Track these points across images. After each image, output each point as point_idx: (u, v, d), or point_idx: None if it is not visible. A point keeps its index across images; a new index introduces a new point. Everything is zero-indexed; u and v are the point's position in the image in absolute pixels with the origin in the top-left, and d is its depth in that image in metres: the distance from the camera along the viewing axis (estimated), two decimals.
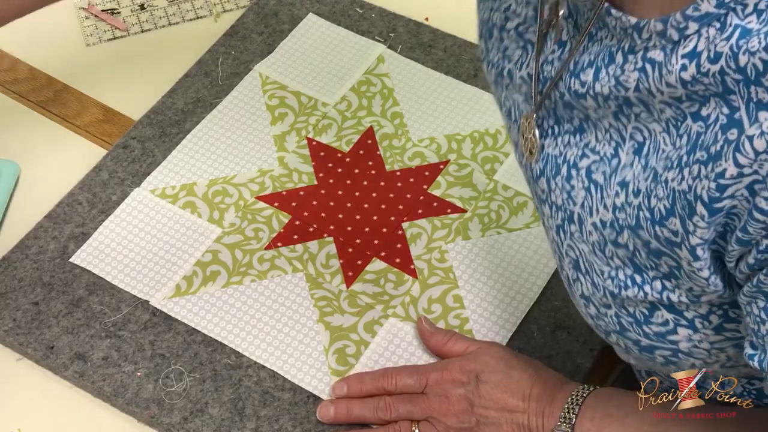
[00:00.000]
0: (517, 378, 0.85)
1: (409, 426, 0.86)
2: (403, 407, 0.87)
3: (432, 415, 0.86)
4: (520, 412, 0.84)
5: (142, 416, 0.89)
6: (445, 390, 0.86)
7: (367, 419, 0.88)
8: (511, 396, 0.85)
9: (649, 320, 0.70)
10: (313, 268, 0.97)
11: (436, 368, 0.88)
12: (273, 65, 1.13)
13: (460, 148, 1.06)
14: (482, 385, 0.85)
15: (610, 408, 0.82)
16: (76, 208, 1.02)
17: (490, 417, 0.84)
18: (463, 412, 0.85)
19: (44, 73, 1.14)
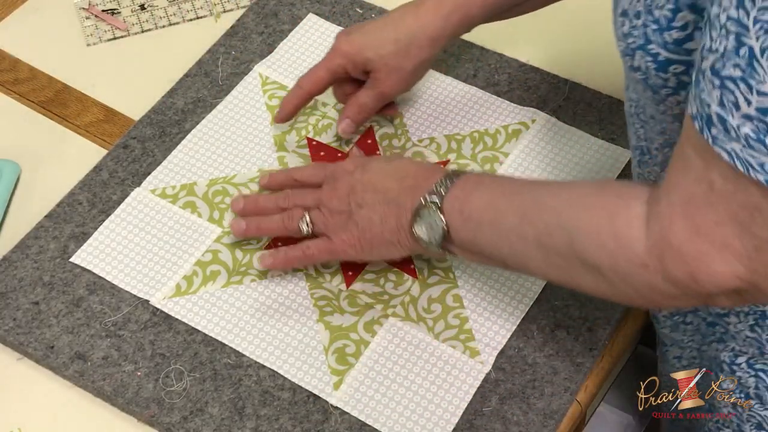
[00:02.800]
0: (398, 164, 0.93)
1: (301, 212, 0.94)
2: (299, 197, 0.95)
3: (321, 202, 0.93)
4: (393, 191, 0.90)
5: (142, 416, 0.89)
6: (336, 179, 0.93)
7: (268, 210, 0.96)
8: (388, 179, 0.91)
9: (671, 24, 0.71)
10: (313, 268, 0.97)
11: (337, 163, 0.96)
12: (273, 65, 1.13)
13: (460, 148, 1.06)
14: (366, 173, 0.92)
15: (483, 178, 0.88)
16: (76, 207, 1.02)
17: (367, 199, 0.91)
18: (344, 196, 0.92)
19: (44, 73, 1.14)
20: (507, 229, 0.81)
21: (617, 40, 0.77)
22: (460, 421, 0.89)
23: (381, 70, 1.00)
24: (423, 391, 0.90)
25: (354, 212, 0.91)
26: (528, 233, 0.80)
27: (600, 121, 1.07)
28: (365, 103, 1.03)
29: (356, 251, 0.92)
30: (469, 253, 0.87)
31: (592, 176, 1.03)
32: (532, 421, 0.89)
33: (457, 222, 0.85)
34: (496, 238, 0.83)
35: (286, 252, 0.94)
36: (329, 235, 0.92)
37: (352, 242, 0.91)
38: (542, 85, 1.10)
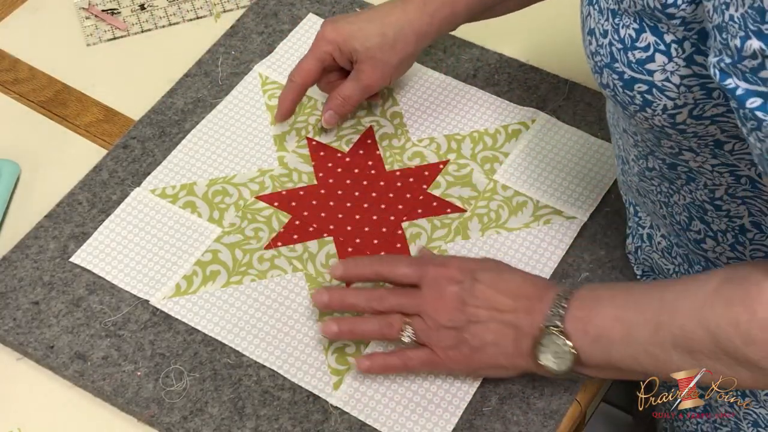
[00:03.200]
0: (508, 278, 0.87)
1: (401, 319, 0.87)
2: (395, 299, 0.88)
3: (424, 311, 0.87)
4: (509, 311, 0.85)
5: (142, 416, 0.89)
6: (441, 286, 0.87)
7: (359, 308, 0.90)
8: (501, 295, 0.86)
9: (635, 44, 0.72)
10: (313, 268, 0.97)
11: (436, 263, 0.89)
12: (273, 65, 1.13)
13: (460, 148, 1.06)
14: (476, 285, 0.86)
15: (599, 291, 0.84)
16: (76, 207, 1.02)
17: (480, 316, 0.85)
18: (454, 310, 0.86)
19: (44, 73, 1.14)
20: (643, 341, 0.78)
21: (586, 57, 0.78)
22: (460, 421, 0.89)
23: (366, 62, 1.00)
24: (423, 391, 0.90)
25: (465, 328, 0.85)
26: (666, 341, 0.77)
27: (600, 121, 1.07)
28: (349, 96, 1.02)
29: (462, 369, 0.88)
30: (601, 371, 0.83)
31: (592, 176, 1.03)
32: (532, 421, 0.89)
33: (586, 344, 0.81)
34: (633, 353, 0.79)
35: (385, 359, 0.88)
36: (433, 349, 0.87)
37: (460, 360, 0.86)
38: (542, 85, 1.10)
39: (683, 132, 0.75)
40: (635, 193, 0.90)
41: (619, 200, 1.01)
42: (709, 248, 0.86)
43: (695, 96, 0.72)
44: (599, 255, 0.98)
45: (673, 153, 0.79)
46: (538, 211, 1.01)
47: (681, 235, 0.88)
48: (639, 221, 0.94)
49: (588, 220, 1.00)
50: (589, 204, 1.01)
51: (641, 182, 0.86)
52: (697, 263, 0.90)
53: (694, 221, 0.85)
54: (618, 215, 1.00)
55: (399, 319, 0.87)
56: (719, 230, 0.84)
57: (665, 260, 0.93)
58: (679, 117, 0.74)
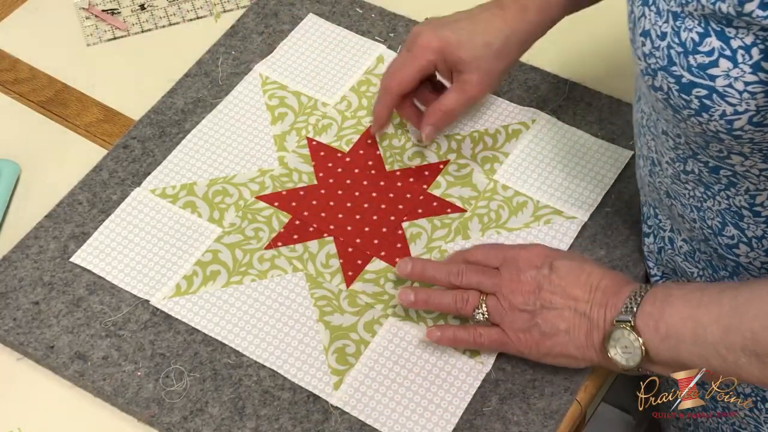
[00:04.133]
0: (589, 271, 0.87)
1: (477, 296, 0.89)
2: (474, 277, 0.89)
3: (500, 291, 0.88)
4: (584, 302, 0.86)
5: (142, 416, 0.89)
6: (519, 269, 0.88)
7: (438, 281, 0.91)
8: (578, 286, 0.86)
9: (697, 48, 0.71)
10: (313, 268, 0.97)
11: (518, 246, 0.91)
12: (273, 65, 1.13)
13: (460, 148, 1.06)
14: (554, 272, 0.87)
15: (671, 290, 0.83)
16: (76, 207, 1.02)
17: (555, 303, 0.86)
18: (529, 293, 0.87)
19: (44, 73, 1.14)
20: (712, 342, 0.78)
21: (637, 58, 0.76)
22: (460, 421, 0.89)
23: (472, 73, 0.97)
24: (423, 391, 0.90)
25: (538, 313, 0.86)
26: (735, 343, 0.77)
27: (600, 121, 1.07)
28: (453, 109, 0.99)
29: (531, 353, 0.88)
30: (670, 368, 0.83)
31: (592, 176, 1.03)
32: (532, 421, 0.89)
33: (655, 341, 0.81)
34: (701, 352, 0.79)
35: (455, 333, 0.90)
36: (505, 329, 0.88)
37: (530, 344, 0.87)
38: (542, 85, 1.10)
39: (738, 138, 0.74)
40: (663, 196, 0.89)
41: (619, 200, 1.01)
42: (742, 254, 0.86)
43: (758, 103, 0.71)
44: (599, 255, 0.98)
45: (721, 157, 0.78)
46: (538, 211, 1.01)
47: (710, 239, 0.87)
48: (659, 223, 0.94)
49: (588, 220, 1.00)
50: (589, 204, 1.01)
51: (674, 185, 0.85)
52: (723, 269, 0.90)
53: (727, 227, 0.84)
54: (618, 215, 1.00)
55: (475, 296, 0.89)
56: (754, 236, 0.84)
57: (688, 263, 0.93)
58: (737, 123, 0.73)
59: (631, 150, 1.05)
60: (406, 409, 0.89)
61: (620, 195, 1.02)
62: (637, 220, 1.00)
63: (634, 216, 1.00)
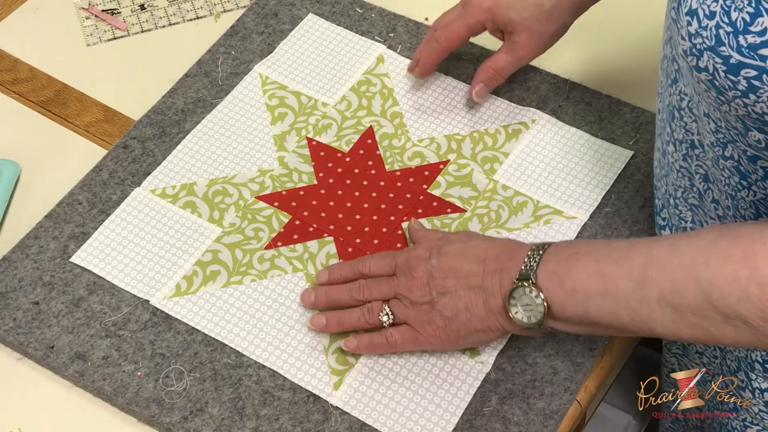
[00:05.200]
0: (474, 245, 0.88)
1: (380, 305, 0.90)
2: (375, 288, 0.91)
3: (399, 293, 0.89)
4: (475, 275, 0.86)
5: (142, 416, 0.89)
6: (411, 267, 0.89)
7: (343, 302, 0.92)
8: (467, 262, 0.87)
9: (748, 28, 0.70)
10: (313, 268, 0.97)
11: (406, 250, 0.92)
12: (273, 65, 1.13)
13: (460, 148, 1.06)
14: (442, 258, 0.88)
15: (577, 247, 0.83)
16: (76, 207, 1.02)
17: (448, 286, 0.87)
18: (424, 285, 0.88)
19: (44, 73, 1.14)
20: (624, 295, 0.78)
21: (680, 39, 0.75)
22: (460, 421, 0.89)
23: (522, 33, 0.98)
24: (423, 391, 0.90)
25: (436, 301, 0.87)
26: (651, 295, 0.77)
27: (600, 121, 1.07)
28: (502, 68, 1.00)
29: (442, 341, 0.89)
30: (576, 325, 0.83)
31: (592, 176, 1.03)
32: (532, 421, 0.89)
33: (560, 297, 0.82)
34: (612, 307, 0.79)
35: (370, 338, 0.90)
36: (413, 326, 0.89)
37: (438, 333, 0.88)
38: (542, 85, 1.10)
39: None
40: (699, 180, 0.87)
41: (619, 200, 1.01)
42: None
43: None
44: None
45: (759, 147, 0.77)
46: (538, 211, 1.01)
47: None
48: (680, 214, 0.92)
49: (588, 220, 1.00)
50: (589, 204, 1.01)
51: (713, 168, 0.83)
52: None
53: (760, 218, 0.83)
54: (618, 215, 1.01)
55: (377, 304, 0.90)
56: None
57: None
58: None
59: (632, 150, 1.05)
60: (406, 409, 0.89)
61: (620, 195, 1.02)
62: (637, 220, 1.00)
63: (634, 216, 1.00)
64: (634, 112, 1.08)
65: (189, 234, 1.00)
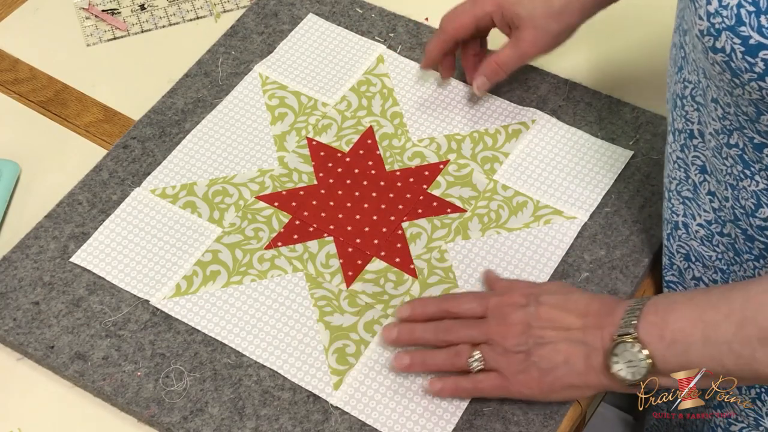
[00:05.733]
0: (576, 299, 0.86)
1: (469, 348, 0.87)
2: (463, 330, 0.88)
3: (491, 338, 0.87)
4: (576, 329, 0.84)
5: (142, 416, 0.89)
6: (505, 313, 0.87)
7: (428, 341, 0.90)
8: (568, 315, 0.85)
9: None
10: (313, 268, 0.97)
11: (498, 293, 0.90)
12: (273, 65, 1.13)
13: (460, 148, 1.06)
14: (541, 307, 0.86)
15: (673, 297, 0.82)
16: (76, 208, 1.02)
17: (547, 337, 0.85)
18: (520, 334, 0.85)
19: (44, 73, 1.14)
20: (725, 340, 0.76)
21: (697, 18, 0.73)
22: (460, 421, 0.89)
23: (528, 30, 0.98)
24: (423, 391, 0.90)
25: (533, 351, 0.84)
26: (752, 336, 0.75)
27: (600, 121, 1.07)
28: (505, 62, 1.00)
29: (534, 393, 0.86)
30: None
31: (592, 176, 1.03)
32: (532, 421, 0.89)
33: (661, 349, 0.79)
34: (714, 353, 0.77)
35: (456, 382, 0.88)
36: (504, 374, 0.86)
37: (531, 384, 0.85)
38: (542, 85, 1.10)
39: None
40: (695, 172, 0.86)
41: (619, 200, 1.01)
42: None
43: None
44: (599, 255, 0.98)
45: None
46: (538, 211, 1.01)
47: (741, 219, 0.85)
48: (672, 207, 0.92)
49: (588, 220, 1.00)
50: (589, 204, 1.01)
51: (713, 158, 0.82)
52: (748, 252, 0.87)
53: (762, 208, 0.82)
54: (618, 215, 1.01)
55: (467, 348, 0.87)
56: None
57: (705, 247, 0.91)
58: None
59: (632, 150, 1.05)
60: (406, 409, 0.89)
61: (620, 195, 1.02)
62: (637, 220, 1.00)
63: (634, 216, 1.00)
64: (634, 112, 1.08)
65: (189, 234, 1.00)
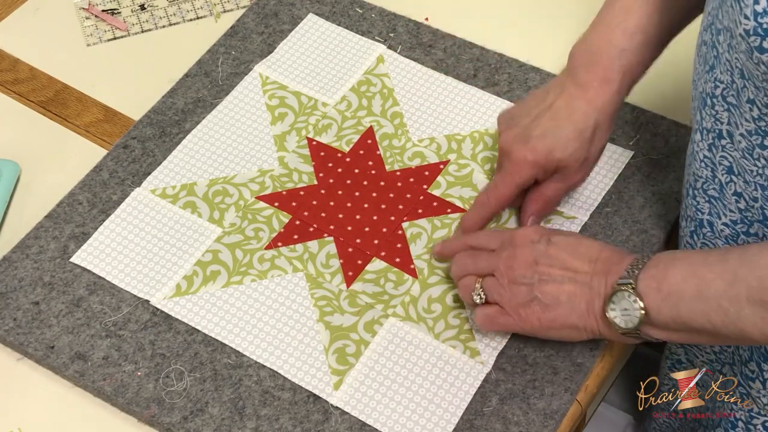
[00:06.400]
0: (588, 244, 0.87)
1: (474, 281, 0.89)
2: (471, 261, 0.90)
3: (498, 268, 0.88)
4: (584, 272, 0.85)
5: (142, 416, 0.89)
6: (515, 245, 0.88)
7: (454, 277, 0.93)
8: (577, 258, 0.86)
9: None
10: (313, 268, 0.97)
11: (516, 229, 0.91)
12: (273, 65, 1.13)
13: (460, 148, 1.06)
14: (551, 246, 0.87)
15: (676, 255, 0.83)
16: (76, 208, 1.02)
17: (553, 275, 0.86)
18: (526, 266, 0.87)
19: (44, 73, 1.14)
20: (716, 296, 0.78)
21: (743, 18, 0.73)
22: (461, 421, 0.89)
23: (572, 167, 0.94)
24: (423, 391, 0.90)
25: (536, 286, 0.86)
26: (740, 294, 0.76)
27: None
28: (553, 198, 0.97)
29: (534, 327, 0.87)
30: (671, 332, 0.82)
31: (592, 176, 1.03)
32: (532, 421, 0.89)
33: (656, 301, 0.81)
34: (704, 308, 0.79)
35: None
36: (505, 306, 0.88)
37: (532, 318, 0.86)
38: (542, 85, 1.10)
39: None
40: (722, 172, 0.86)
41: (619, 200, 1.01)
42: None
43: None
44: None
45: None
46: None
47: None
48: (697, 205, 0.91)
49: (588, 220, 1.00)
50: (589, 204, 1.01)
51: (743, 159, 0.82)
52: None
53: None
54: (618, 215, 1.01)
55: (471, 281, 0.89)
56: None
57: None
58: None
59: (632, 150, 1.05)
60: (406, 409, 0.89)
61: (620, 195, 1.02)
62: (637, 220, 1.00)
63: (634, 216, 1.00)
64: (634, 112, 1.08)
65: (189, 234, 1.00)
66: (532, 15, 1.16)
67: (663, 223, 1.00)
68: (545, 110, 0.95)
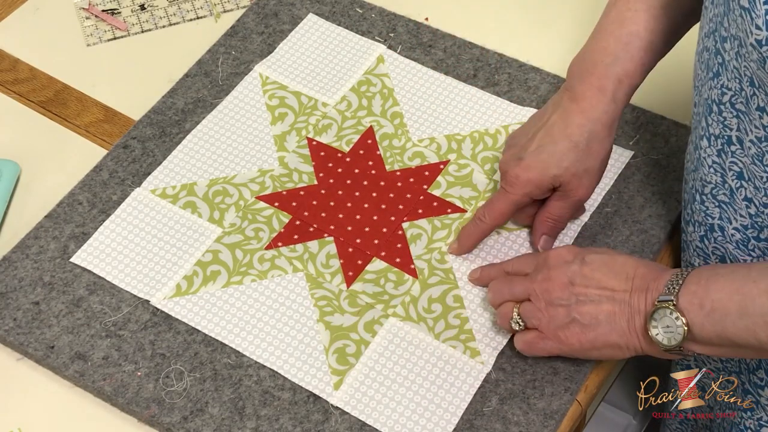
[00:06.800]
0: (622, 262, 0.87)
1: (511, 307, 0.89)
2: (506, 287, 0.90)
3: (533, 292, 0.88)
4: (622, 291, 0.85)
5: (142, 416, 0.89)
6: (549, 267, 0.88)
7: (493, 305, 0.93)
8: (613, 277, 0.86)
9: None
10: (313, 268, 0.97)
11: (550, 250, 0.91)
12: (273, 65, 1.13)
13: (460, 148, 1.06)
14: (585, 266, 0.87)
15: (716, 269, 0.82)
16: (76, 208, 1.02)
17: (590, 295, 0.85)
18: (562, 288, 0.86)
19: (44, 73, 1.14)
20: (760, 312, 0.77)
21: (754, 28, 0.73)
22: (461, 421, 0.89)
23: (570, 182, 0.94)
24: (423, 391, 0.90)
25: (573, 307, 0.85)
26: None
27: None
28: (562, 216, 0.97)
29: (574, 350, 0.87)
30: (714, 347, 0.81)
31: None
32: (532, 421, 0.89)
33: (699, 318, 0.80)
34: (749, 324, 0.78)
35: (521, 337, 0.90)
36: (543, 331, 0.87)
37: (572, 340, 0.86)
38: (542, 85, 1.10)
39: None
40: (732, 177, 0.86)
41: (619, 200, 1.01)
42: None
43: None
44: None
45: None
46: None
47: None
48: (706, 210, 0.91)
49: (588, 220, 1.00)
50: (589, 204, 1.01)
51: (753, 165, 0.82)
52: None
53: None
54: (618, 215, 1.00)
55: (509, 308, 0.89)
56: None
57: (741, 251, 0.90)
58: None
59: (632, 150, 1.05)
60: (406, 409, 0.89)
61: (620, 195, 1.02)
62: (637, 220, 1.00)
63: (634, 216, 1.00)
64: (634, 112, 1.08)
65: (189, 234, 1.00)
66: (533, 15, 1.16)
67: (663, 223, 1.00)
68: (541, 128, 0.95)
